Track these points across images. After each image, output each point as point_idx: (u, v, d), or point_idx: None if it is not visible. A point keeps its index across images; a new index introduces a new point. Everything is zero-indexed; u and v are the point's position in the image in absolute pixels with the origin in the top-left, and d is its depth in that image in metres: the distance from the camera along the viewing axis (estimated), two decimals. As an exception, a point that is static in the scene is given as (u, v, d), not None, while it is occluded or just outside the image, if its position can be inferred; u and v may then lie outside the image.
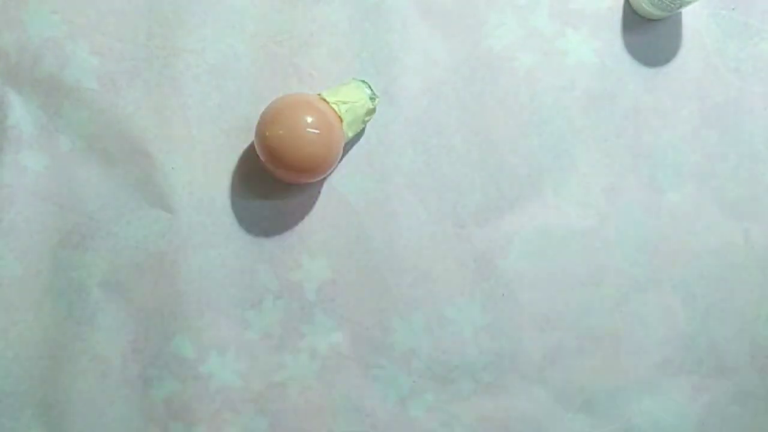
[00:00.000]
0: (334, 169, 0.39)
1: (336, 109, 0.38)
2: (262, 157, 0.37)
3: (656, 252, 0.43)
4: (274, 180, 0.41)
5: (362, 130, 0.41)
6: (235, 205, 0.41)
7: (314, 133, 0.36)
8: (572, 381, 0.43)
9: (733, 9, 0.44)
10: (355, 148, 0.42)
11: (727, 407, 0.43)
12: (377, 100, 0.40)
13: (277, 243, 0.41)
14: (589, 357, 0.43)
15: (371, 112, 0.40)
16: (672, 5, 0.39)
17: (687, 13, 0.43)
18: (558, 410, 0.43)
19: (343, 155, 0.39)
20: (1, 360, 0.39)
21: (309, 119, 0.36)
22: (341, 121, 0.38)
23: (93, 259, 0.40)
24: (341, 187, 0.41)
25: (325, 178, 0.41)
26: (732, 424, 0.43)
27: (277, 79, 0.41)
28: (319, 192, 0.41)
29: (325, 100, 0.38)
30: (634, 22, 0.43)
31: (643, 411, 0.43)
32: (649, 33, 0.43)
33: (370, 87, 0.40)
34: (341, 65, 0.41)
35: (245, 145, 0.41)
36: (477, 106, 0.42)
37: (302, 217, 0.41)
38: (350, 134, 0.39)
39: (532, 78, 0.42)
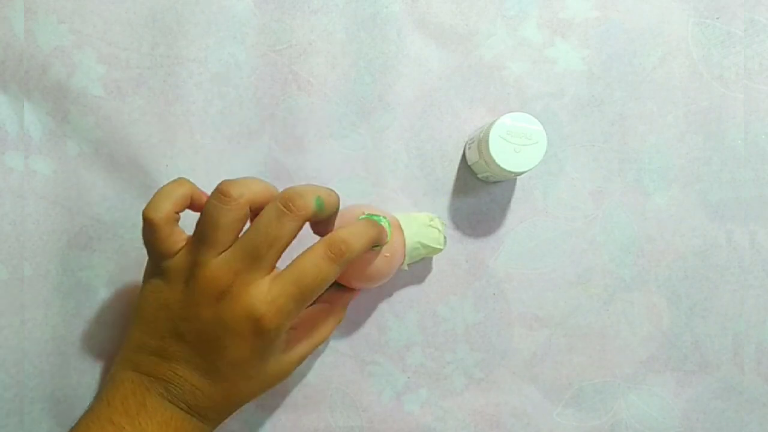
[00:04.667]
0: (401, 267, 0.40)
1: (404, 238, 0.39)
2: None
3: (642, 253, 0.44)
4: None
5: (421, 259, 0.42)
6: (236, 207, 0.42)
7: (376, 249, 0.36)
8: (560, 377, 0.44)
9: (717, 18, 0.44)
10: (351, 153, 0.43)
11: (710, 402, 0.44)
12: (444, 245, 0.40)
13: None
14: (577, 354, 0.44)
15: (436, 251, 0.40)
16: (491, 178, 0.41)
17: (673, 22, 0.44)
18: (547, 405, 0.44)
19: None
20: (13, 356, 0.39)
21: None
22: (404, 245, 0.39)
23: (100, 260, 0.41)
24: (338, 190, 0.42)
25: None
26: (715, 418, 0.44)
27: (277, 86, 0.42)
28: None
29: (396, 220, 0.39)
30: (620, 31, 0.44)
31: (629, 406, 0.44)
32: (635, 42, 0.44)
33: (444, 231, 0.40)
34: (339, 73, 0.42)
35: (246, 150, 0.42)
36: (469, 113, 0.43)
37: (301, 220, 0.43)
38: (405, 267, 0.40)
39: (522, 85, 0.43)
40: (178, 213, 0.33)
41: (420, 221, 0.40)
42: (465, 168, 0.43)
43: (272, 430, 0.42)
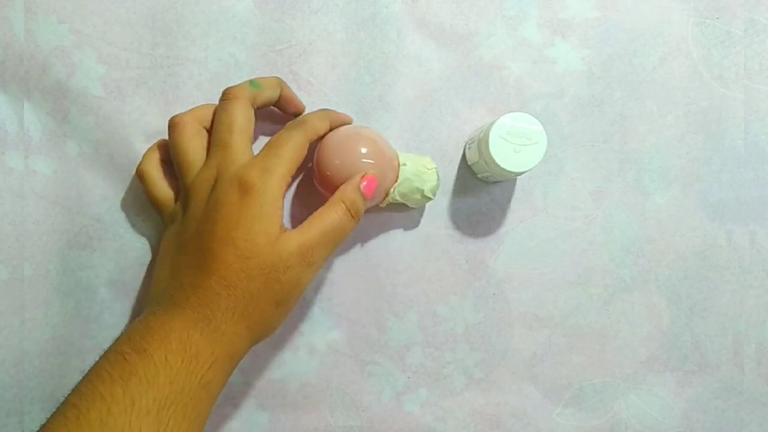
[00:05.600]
0: (385, 200, 0.40)
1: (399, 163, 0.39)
2: (318, 185, 0.38)
3: (642, 253, 0.44)
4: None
5: (407, 205, 0.42)
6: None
7: (369, 163, 0.37)
8: (560, 377, 0.44)
9: (717, 18, 0.44)
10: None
11: (709, 402, 0.45)
12: (437, 189, 0.40)
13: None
14: (577, 354, 0.44)
15: (428, 192, 0.40)
16: (491, 178, 0.41)
17: (673, 22, 0.44)
18: (547, 405, 0.44)
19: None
20: (13, 356, 0.39)
21: (364, 150, 0.37)
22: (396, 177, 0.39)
23: (100, 260, 0.41)
24: (338, 190, 0.42)
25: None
26: (714, 418, 0.44)
27: None
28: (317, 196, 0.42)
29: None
30: (620, 31, 0.44)
31: (629, 406, 0.44)
32: (635, 42, 0.44)
33: (438, 176, 0.40)
34: (339, 73, 0.42)
35: None
36: (469, 112, 0.43)
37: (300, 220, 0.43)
38: (396, 195, 0.40)
39: (522, 85, 0.43)
40: (165, 161, 0.39)
41: (420, 161, 0.40)
42: (465, 168, 0.43)
43: (272, 430, 0.42)
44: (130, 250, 0.41)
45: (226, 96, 0.36)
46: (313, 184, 0.39)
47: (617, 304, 0.44)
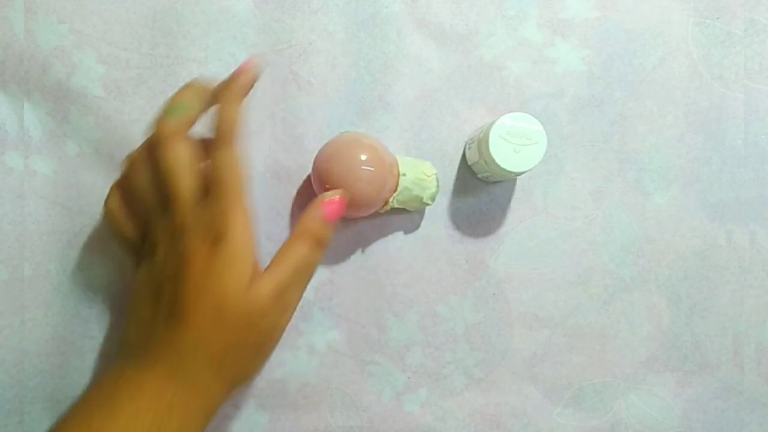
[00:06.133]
0: (384, 208, 0.40)
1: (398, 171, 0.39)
2: (317, 191, 0.38)
3: (642, 253, 0.44)
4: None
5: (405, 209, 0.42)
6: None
7: (369, 170, 0.37)
8: (560, 377, 0.44)
9: (717, 18, 0.44)
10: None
11: (709, 402, 0.45)
12: (436, 195, 0.41)
13: (277, 244, 0.42)
14: (577, 354, 0.44)
15: (427, 199, 0.40)
16: (491, 178, 0.41)
17: (673, 22, 0.44)
18: (547, 405, 0.44)
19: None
20: (13, 356, 0.40)
21: (364, 157, 0.37)
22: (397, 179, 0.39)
23: (100, 260, 0.41)
24: (338, 190, 0.42)
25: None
26: (714, 418, 0.44)
27: (277, 86, 0.42)
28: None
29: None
30: (620, 31, 0.44)
31: (629, 406, 0.44)
32: (635, 42, 0.44)
33: (438, 182, 0.41)
34: (339, 73, 0.42)
35: (246, 151, 0.42)
36: (469, 112, 0.43)
37: (301, 220, 0.43)
38: (394, 202, 0.40)
39: (522, 85, 0.43)
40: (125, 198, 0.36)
41: (419, 167, 0.40)
42: (465, 168, 0.43)
43: (272, 430, 0.42)
44: (130, 250, 0.41)
45: (158, 138, 0.32)
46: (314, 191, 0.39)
47: (617, 304, 0.44)
